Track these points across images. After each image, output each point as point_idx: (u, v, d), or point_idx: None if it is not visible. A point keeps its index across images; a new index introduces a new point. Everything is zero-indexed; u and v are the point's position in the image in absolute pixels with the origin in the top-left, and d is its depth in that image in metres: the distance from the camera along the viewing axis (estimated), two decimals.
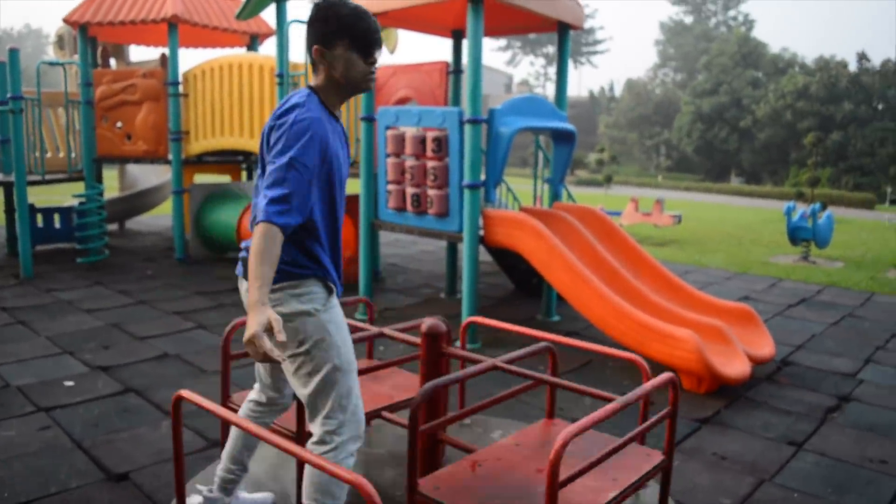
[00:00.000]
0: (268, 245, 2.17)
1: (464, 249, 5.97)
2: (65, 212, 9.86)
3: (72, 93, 9.66)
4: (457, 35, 7.86)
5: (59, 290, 7.47)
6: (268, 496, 3.10)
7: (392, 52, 8.88)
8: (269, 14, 7.18)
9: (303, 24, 6.87)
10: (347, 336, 2.53)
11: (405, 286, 8.35)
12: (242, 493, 3.01)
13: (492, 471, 2.57)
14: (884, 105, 41.89)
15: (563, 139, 6.79)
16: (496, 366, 2.85)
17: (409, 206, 6.36)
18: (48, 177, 9.39)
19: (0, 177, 8.90)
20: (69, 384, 4.72)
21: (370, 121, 6.68)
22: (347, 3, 2.40)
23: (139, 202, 12.11)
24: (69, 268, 8.71)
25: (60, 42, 11.83)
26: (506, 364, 2.90)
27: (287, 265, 2.36)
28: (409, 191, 6.33)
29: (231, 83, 8.50)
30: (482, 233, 6.17)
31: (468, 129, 5.81)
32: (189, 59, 65.01)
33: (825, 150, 38.72)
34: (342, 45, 2.38)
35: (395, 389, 3.44)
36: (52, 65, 10.05)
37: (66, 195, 11.08)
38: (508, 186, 8.39)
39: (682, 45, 65.64)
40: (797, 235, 11.29)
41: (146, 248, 10.42)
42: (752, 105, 46.36)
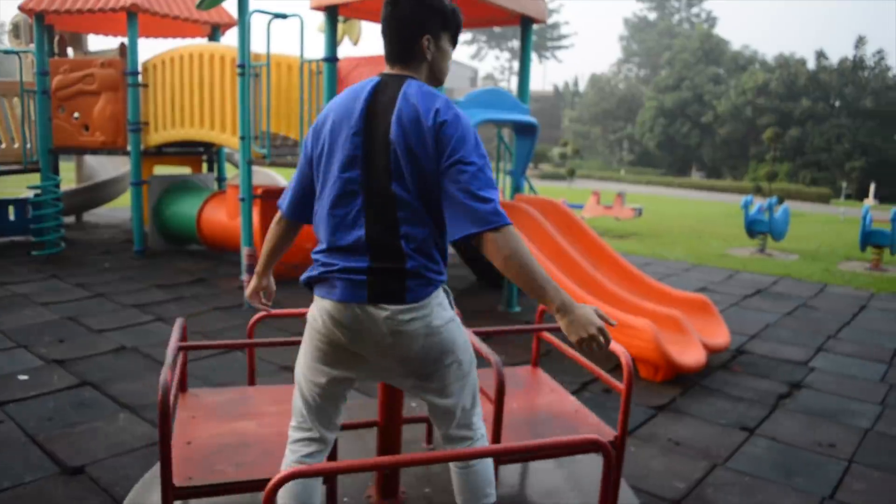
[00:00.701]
0: (525, 246, 2.04)
1: None
2: (20, 204, 9.69)
3: (27, 82, 9.47)
4: None
5: (14, 284, 7.35)
6: None
7: (355, 44, 8.84)
8: (231, 4, 7.10)
9: (264, 15, 6.84)
10: None
11: None
12: None
13: None
14: (840, 102, 42.68)
15: (525, 132, 6.85)
16: None
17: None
18: (2, 168, 9.21)
19: None
20: (23, 378, 4.66)
21: None
22: None
23: (97, 194, 11.93)
24: (24, 261, 8.57)
25: (16, 30, 11.58)
26: None
27: (435, 273, 2.19)
28: None
29: (192, 74, 8.40)
30: None
31: None
32: (149, 49, 64.09)
33: (783, 146, 39.41)
34: (446, 38, 2.29)
35: None
36: (7, 53, 9.86)
37: (22, 187, 10.88)
38: None
39: (646, 41, 66.20)
40: (754, 228, 11.50)
41: (104, 241, 10.29)
42: (714, 101, 46.97)
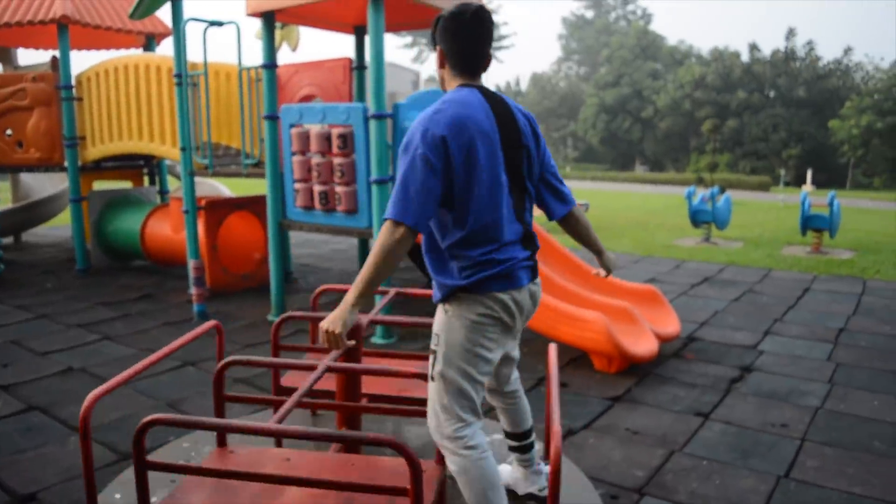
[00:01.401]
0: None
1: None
2: None
3: None
4: (359, 31, 7.83)
5: None
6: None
7: (294, 50, 8.74)
8: (165, 13, 6.99)
9: (200, 23, 6.74)
10: None
11: (318, 285, 8.27)
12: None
13: None
14: (775, 93, 43.79)
15: None
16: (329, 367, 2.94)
17: (318, 204, 6.31)
18: None
19: None
20: None
21: (274, 119, 6.58)
22: None
23: (35, 213, 11.61)
24: None
25: None
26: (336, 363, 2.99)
27: None
28: (317, 188, 6.26)
29: (128, 85, 8.22)
30: None
31: (373, 125, 5.79)
32: (83, 61, 62.65)
33: (722, 137, 40.27)
34: None
35: None
36: None
37: None
38: None
39: (584, 39, 67.02)
40: (698, 218, 11.70)
41: (45, 261, 10.01)
42: (653, 96, 47.78)
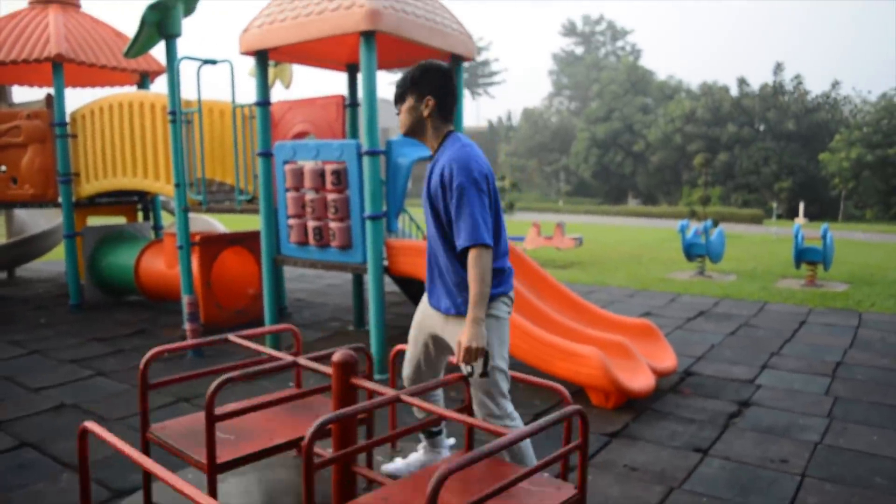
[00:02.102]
0: None
1: (369, 281, 5.94)
2: None
3: None
4: (352, 69, 7.88)
5: None
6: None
7: (287, 87, 8.79)
8: (159, 51, 7.01)
9: (193, 61, 6.78)
10: (415, 316, 3.49)
11: (313, 320, 8.24)
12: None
13: None
14: (765, 126, 44.13)
15: None
16: (399, 398, 2.83)
17: (312, 240, 6.30)
18: None
19: None
20: None
21: (267, 156, 6.60)
22: None
23: (29, 248, 11.57)
24: None
25: None
26: (409, 397, 2.88)
27: None
28: (311, 224, 6.27)
29: (122, 122, 8.25)
30: (386, 263, 6.16)
31: (367, 161, 5.81)
32: (77, 99, 62.88)
33: (714, 171, 40.49)
34: None
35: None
36: None
37: None
38: (410, 216, 8.43)
39: (575, 75, 67.58)
40: (692, 251, 11.73)
41: (38, 296, 9.96)
42: (644, 130, 48.09)
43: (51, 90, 8.79)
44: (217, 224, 10.85)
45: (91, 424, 2.30)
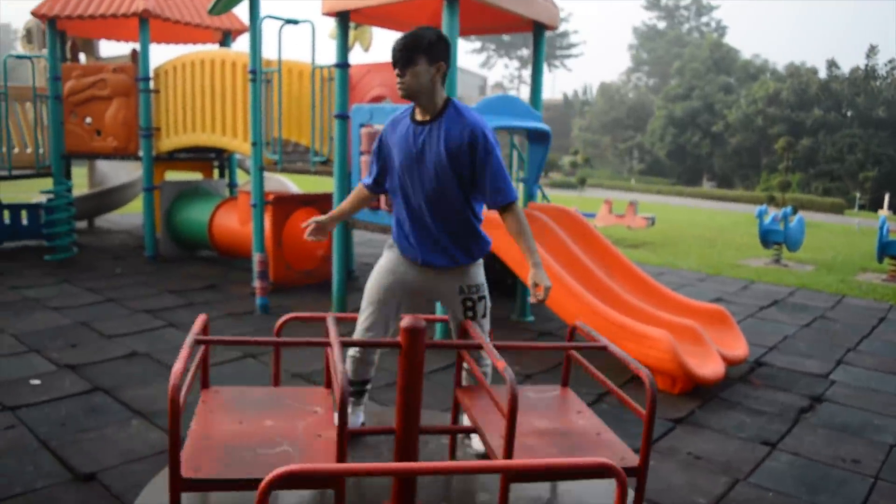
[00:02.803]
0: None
1: None
2: (32, 208, 9.68)
3: (40, 87, 9.47)
4: None
5: (26, 288, 7.31)
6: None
7: (367, 50, 8.79)
8: (242, 10, 7.06)
9: (276, 20, 6.81)
10: (378, 276, 3.40)
11: None
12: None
13: None
14: (853, 112, 42.49)
15: (538, 139, 6.78)
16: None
17: (383, 205, 6.30)
18: (15, 172, 9.20)
19: None
20: (35, 383, 4.60)
21: (344, 118, 6.61)
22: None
23: (109, 199, 11.93)
24: (36, 265, 8.54)
25: (29, 36, 11.60)
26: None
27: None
28: None
29: (203, 79, 8.37)
30: None
31: None
32: (160, 55, 64.33)
33: (795, 156, 39.22)
34: None
35: None
36: (20, 58, 9.86)
37: (34, 191, 10.88)
38: None
39: (655, 50, 66.16)
40: (769, 238, 11.39)
41: (116, 246, 10.26)
42: (724, 110, 46.85)
43: (136, 45, 8.96)
44: (290, 184, 10.98)
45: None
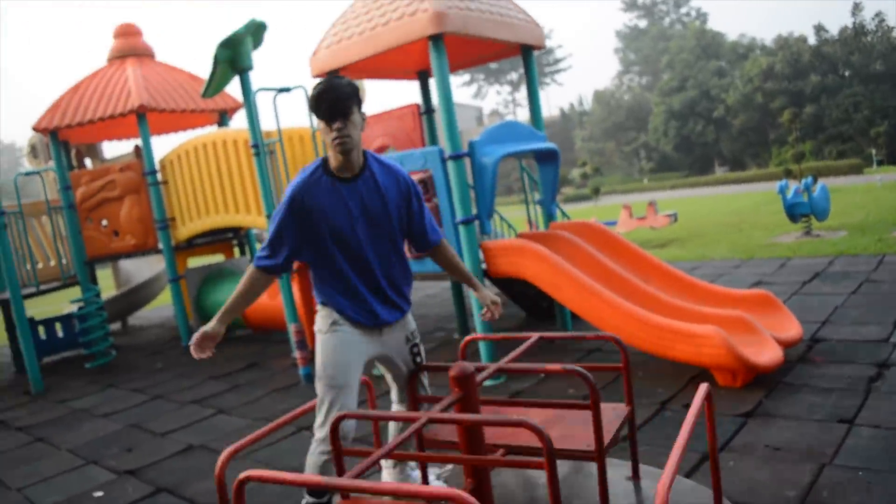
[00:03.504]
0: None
1: None
2: (65, 319, 9.74)
3: (52, 199, 9.61)
4: (422, 75, 7.85)
5: (73, 400, 7.33)
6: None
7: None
8: (235, 87, 7.17)
9: (269, 91, 6.86)
10: (341, 357, 3.05)
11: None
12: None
13: None
14: (850, 71, 42.15)
15: (547, 159, 6.74)
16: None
17: (407, 253, 6.26)
18: (43, 287, 9.29)
19: None
20: (98, 495, 4.57)
21: None
22: (320, 82, 2.89)
23: (137, 297, 12.01)
24: (79, 375, 8.57)
25: (34, 151, 11.82)
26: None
27: (318, 294, 3.15)
28: None
29: (208, 162, 8.45)
30: (484, 266, 6.07)
31: (451, 166, 5.75)
32: (163, 145, 65.45)
33: (802, 125, 38.93)
34: (317, 118, 2.91)
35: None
36: (29, 174, 10.02)
37: (64, 301, 10.98)
38: (501, 215, 8.32)
39: (642, 49, 66.31)
40: (795, 212, 11.22)
41: (152, 342, 10.29)
42: (722, 94, 46.70)
43: (138, 141, 9.08)
44: None
45: (252, 472, 2.22)
